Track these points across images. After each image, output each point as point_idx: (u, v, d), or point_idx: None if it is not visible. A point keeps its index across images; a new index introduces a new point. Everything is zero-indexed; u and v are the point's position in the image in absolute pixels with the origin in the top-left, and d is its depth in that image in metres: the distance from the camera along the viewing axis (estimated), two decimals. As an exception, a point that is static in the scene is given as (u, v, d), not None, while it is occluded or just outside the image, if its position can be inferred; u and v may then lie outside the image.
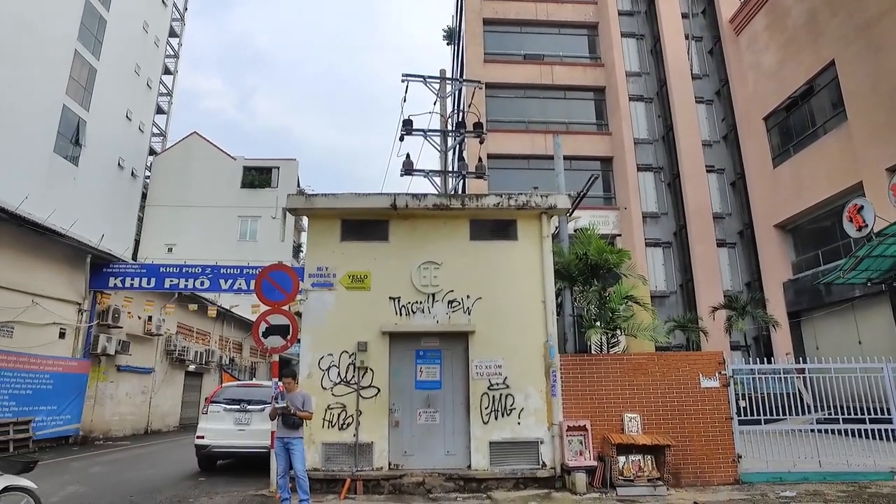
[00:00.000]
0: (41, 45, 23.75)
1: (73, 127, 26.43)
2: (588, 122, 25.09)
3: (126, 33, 30.95)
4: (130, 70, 32.00)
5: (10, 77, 21.96)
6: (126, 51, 31.03)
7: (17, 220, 13.64)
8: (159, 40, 36.30)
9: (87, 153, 27.39)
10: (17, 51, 22.32)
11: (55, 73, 24.97)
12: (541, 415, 9.13)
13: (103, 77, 28.51)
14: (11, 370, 13.83)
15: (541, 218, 9.93)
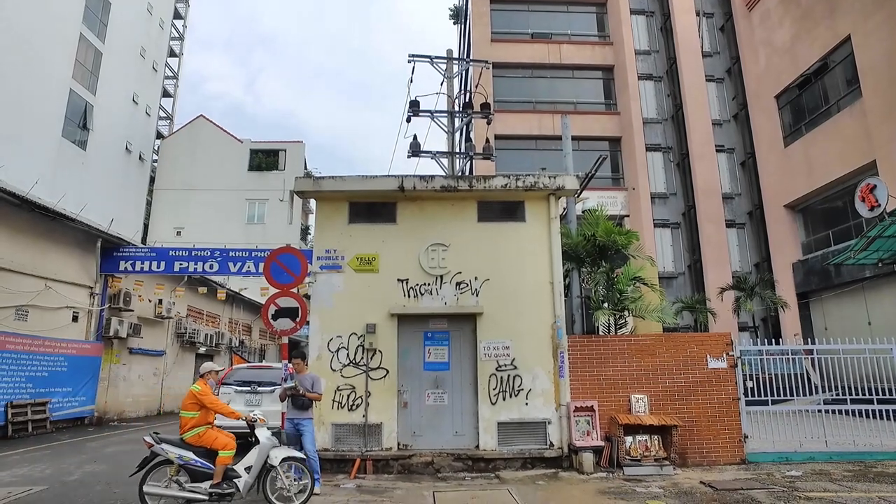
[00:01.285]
0: (47, 29, 23.68)
1: (80, 111, 26.46)
2: (596, 102, 24.84)
3: (130, 16, 30.79)
4: (136, 53, 31.88)
5: (17, 62, 21.95)
6: (131, 34, 30.89)
7: (29, 204, 13.74)
8: (164, 22, 36.08)
9: (94, 137, 27.45)
10: (23, 35, 22.27)
11: (61, 57, 24.92)
12: (548, 395, 9.19)
13: (109, 61, 28.43)
14: (28, 353, 14.06)
15: (549, 199, 9.89)
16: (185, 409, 6.59)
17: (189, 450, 6.37)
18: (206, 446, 6.44)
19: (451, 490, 7.53)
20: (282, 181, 34.87)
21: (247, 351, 28.74)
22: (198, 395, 6.55)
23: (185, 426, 6.52)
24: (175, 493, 6.28)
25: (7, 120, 21.26)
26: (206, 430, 6.55)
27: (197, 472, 6.32)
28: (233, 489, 6.32)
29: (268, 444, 6.57)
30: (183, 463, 6.30)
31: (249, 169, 36.18)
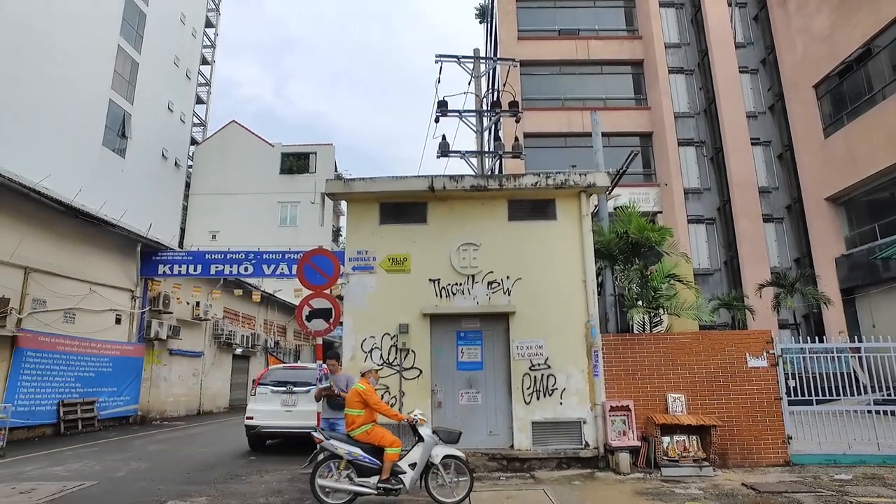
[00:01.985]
0: (87, 43, 24.51)
1: (119, 120, 27.31)
2: (626, 97, 24.47)
3: (165, 26, 31.63)
4: (170, 62, 32.74)
5: (60, 75, 22.78)
6: (165, 44, 31.73)
7: (73, 212, 14.25)
8: (196, 31, 36.96)
9: (132, 145, 28.30)
10: (66, 49, 23.10)
11: (101, 68, 25.77)
12: (583, 395, 9.10)
13: (145, 70, 29.27)
14: (76, 354, 14.60)
15: (580, 197, 9.79)
16: (351, 406, 6.86)
17: (357, 446, 6.66)
18: (374, 443, 6.69)
19: (485, 490, 7.52)
20: (313, 184, 35.38)
21: (282, 352, 29.22)
22: (362, 393, 6.82)
23: (352, 424, 6.82)
24: (346, 487, 6.59)
25: (52, 131, 22.08)
26: (373, 427, 6.81)
27: (364, 468, 6.61)
28: (400, 485, 6.58)
29: (431, 442, 6.74)
30: (352, 458, 6.60)
31: (281, 172, 36.79)
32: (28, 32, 21.31)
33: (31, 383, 13.13)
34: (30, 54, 21.38)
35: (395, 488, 6.57)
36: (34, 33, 21.58)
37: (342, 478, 6.66)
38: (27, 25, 21.32)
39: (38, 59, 21.70)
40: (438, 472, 6.77)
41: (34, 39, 21.55)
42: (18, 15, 20.94)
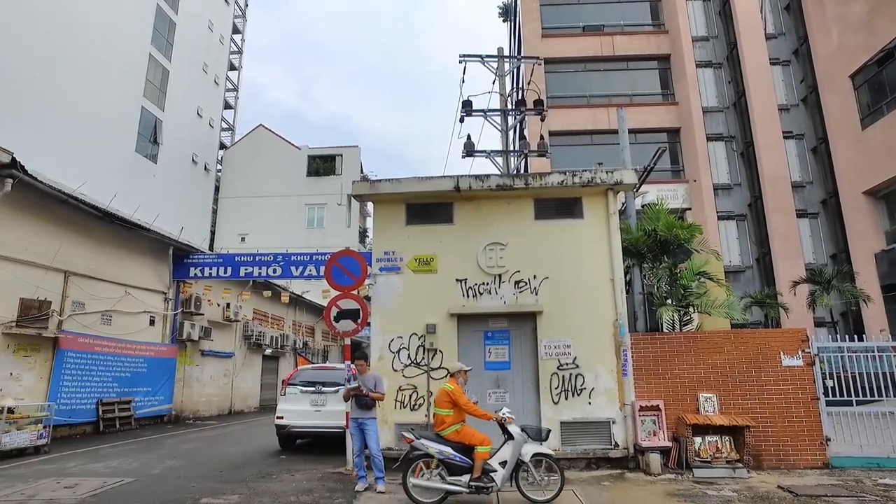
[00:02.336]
0: (120, 53, 25.19)
1: (151, 127, 27.99)
2: (653, 93, 24.13)
3: (193, 34, 32.30)
4: (199, 69, 33.41)
5: (95, 85, 23.45)
6: (194, 51, 32.41)
7: (109, 217, 14.65)
8: (224, 38, 37.67)
9: (164, 151, 28.98)
10: (100, 59, 23.77)
11: (133, 77, 26.46)
12: (612, 394, 9.01)
13: (175, 77, 29.94)
14: (113, 354, 15.01)
15: (607, 194, 9.70)
16: (441, 406, 6.96)
17: (447, 445, 6.74)
18: (464, 442, 6.77)
19: (512, 490, 7.48)
20: (339, 185, 35.70)
21: (310, 352, 29.56)
22: (451, 394, 6.93)
23: (442, 423, 6.90)
24: (438, 485, 6.67)
25: (88, 139, 22.75)
26: (463, 426, 6.89)
27: (455, 466, 6.69)
28: (492, 483, 6.63)
29: (520, 440, 6.80)
30: (443, 457, 6.68)
31: (308, 175, 37.22)
32: (65, 45, 21.98)
33: (72, 383, 13.55)
34: (66, 65, 22.05)
35: (487, 486, 6.62)
36: (71, 45, 22.26)
37: (434, 476, 6.75)
38: (64, 37, 21.99)
39: (73, 69, 22.38)
40: (529, 470, 6.82)
41: (71, 51, 22.23)
42: (56, 28, 21.62)
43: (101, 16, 24.08)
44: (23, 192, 12.01)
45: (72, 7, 22.60)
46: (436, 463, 6.76)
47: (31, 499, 7.11)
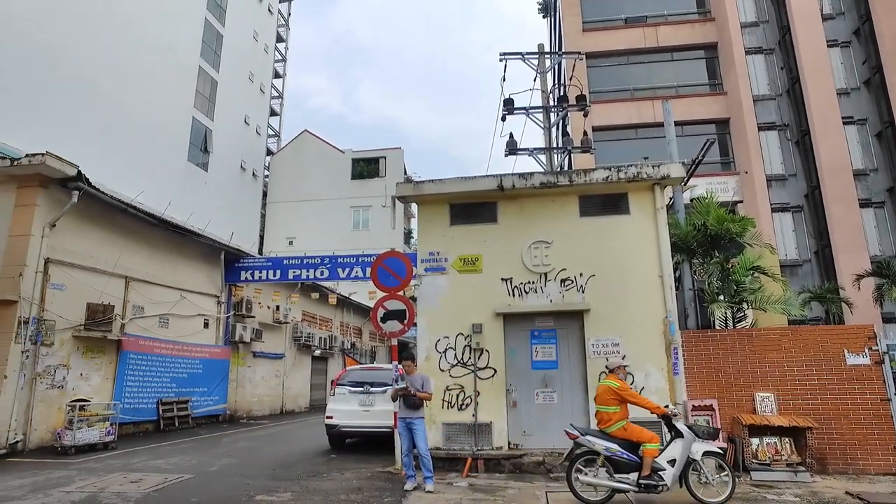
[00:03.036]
0: (172, 66, 26.26)
1: (201, 136, 29.05)
2: (699, 84, 23.39)
3: (239, 45, 33.32)
4: (245, 78, 34.44)
5: (149, 98, 24.51)
6: (240, 61, 33.42)
7: (164, 224, 15.27)
8: (268, 47, 38.69)
9: (214, 159, 30.02)
10: (154, 74, 24.84)
11: (184, 89, 27.53)
12: (662, 394, 8.79)
13: (223, 87, 30.97)
14: (171, 356, 15.64)
15: (653, 189, 9.49)
16: (605, 403, 6.87)
17: (613, 442, 6.65)
18: (632, 439, 6.67)
19: (564, 490, 7.41)
20: (383, 187, 36.12)
21: (358, 353, 30.00)
22: (617, 390, 6.82)
23: (608, 420, 6.80)
24: (606, 483, 6.60)
25: (143, 151, 23.81)
26: (629, 423, 6.81)
27: (622, 464, 6.60)
28: (662, 482, 6.47)
29: (690, 438, 6.64)
30: (610, 455, 6.60)
31: (352, 177, 37.80)
32: (122, 62, 23.04)
33: (135, 383, 14.18)
34: (123, 82, 23.11)
35: (658, 485, 6.44)
36: (127, 62, 23.32)
37: (600, 474, 6.65)
38: (121, 55, 23.06)
39: (129, 84, 23.44)
40: (700, 469, 6.61)
41: (127, 68, 23.29)
42: (115, 47, 22.69)
43: (155, 33, 25.15)
44: (87, 203, 12.65)
45: (128, 26, 23.69)
46: (602, 460, 6.65)
47: (102, 491, 7.52)
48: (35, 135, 17.25)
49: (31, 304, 11.41)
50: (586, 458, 6.73)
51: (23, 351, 11.23)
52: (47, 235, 11.85)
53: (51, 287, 11.94)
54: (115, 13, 23.27)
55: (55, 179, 11.92)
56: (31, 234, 11.58)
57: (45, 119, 19.53)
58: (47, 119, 19.60)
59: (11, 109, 18.52)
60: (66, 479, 8.27)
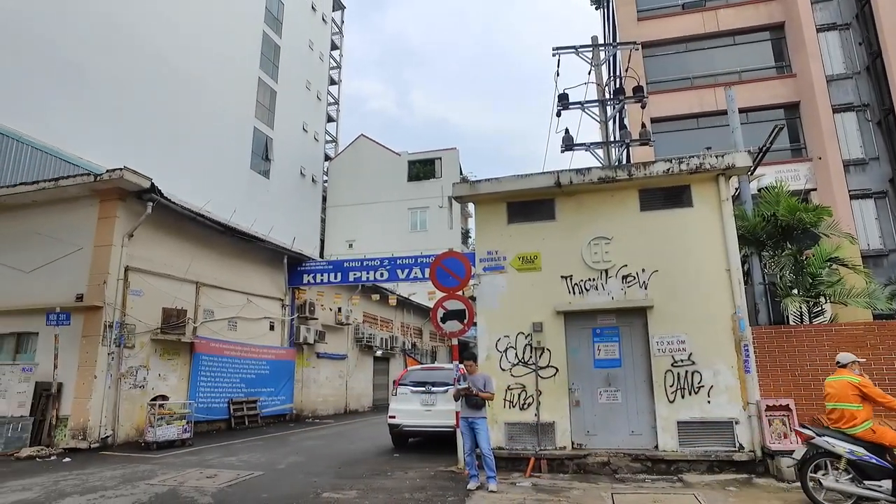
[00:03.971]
0: (233, 79, 27.41)
1: (262, 145, 30.17)
2: (765, 67, 22.27)
3: (296, 54, 34.39)
4: (302, 87, 35.49)
5: (213, 111, 25.69)
6: (297, 70, 34.49)
7: (230, 231, 15.94)
8: (323, 55, 39.73)
9: (275, 166, 31.11)
10: (216, 88, 26.02)
11: (246, 100, 28.69)
12: (733, 393, 8.44)
13: (281, 97, 32.06)
14: (240, 358, 16.30)
15: (718, 180, 9.13)
16: (846, 400, 6.25)
17: (858, 444, 6.04)
18: (883, 442, 6.01)
19: (630, 492, 7.25)
20: (439, 188, 36.39)
21: (419, 353, 30.29)
22: (860, 386, 6.23)
23: (851, 420, 6.18)
24: (851, 489, 6.05)
25: (209, 162, 24.96)
26: (875, 424, 6.19)
27: (871, 469, 5.95)
28: None
29: None
30: (855, 458, 6.00)
31: (409, 179, 38.26)
32: (189, 78, 24.24)
33: (207, 384, 14.87)
34: (190, 98, 24.31)
35: None
36: (191, 79, 24.52)
37: (843, 479, 6.07)
38: (184, 73, 24.26)
39: (194, 99, 24.62)
40: None
41: (194, 84, 24.48)
42: (179, 65, 23.90)
43: (217, 49, 26.34)
44: (160, 213, 13.37)
45: (192, 44, 24.89)
46: (844, 463, 6.06)
47: (181, 485, 7.94)
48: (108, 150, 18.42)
49: (114, 309, 12.20)
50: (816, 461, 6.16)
51: (108, 353, 12.03)
52: (126, 245, 12.63)
53: (130, 293, 12.70)
54: (180, 34, 24.52)
55: (131, 192, 12.68)
56: (113, 244, 12.38)
57: (119, 135, 20.80)
58: (121, 135, 20.87)
59: (90, 127, 19.82)
60: (150, 473, 8.78)
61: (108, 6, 21.45)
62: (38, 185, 12.63)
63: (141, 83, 22.46)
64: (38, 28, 19.00)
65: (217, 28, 26.67)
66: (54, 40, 19.46)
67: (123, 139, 20.72)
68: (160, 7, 23.79)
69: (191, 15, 25.34)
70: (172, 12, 24.34)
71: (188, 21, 25.10)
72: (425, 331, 32.38)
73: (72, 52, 19.95)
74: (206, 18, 26.14)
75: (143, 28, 22.80)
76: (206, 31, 25.92)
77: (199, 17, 25.72)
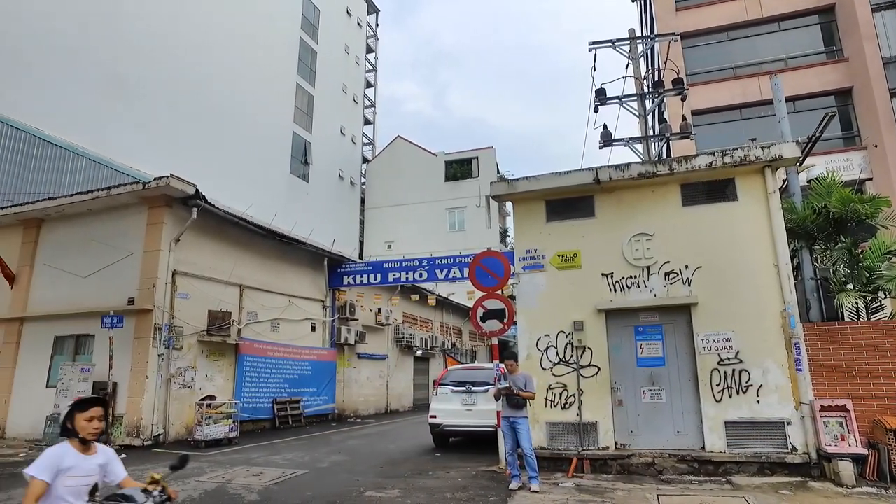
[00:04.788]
0: (272, 85, 28.02)
1: (301, 149, 30.75)
2: (814, 53, 21.38)
3: (332, 59, 34.92)
4: (339, 90, 36.00)
5: (253, 117, 26.32)
6: (334, 74, 35.00)
7: (272, 234, 16.30)
8: (359, 59, 40.21)
9: (314, 170, 31.66)
10: (256, 96, 26.65)
11: (284, 106, 29.31)
12: (784, 392, 8.13)
13: (319, 101, 32.59)
14: (283, 359, 16.64)
15: (763, 172, 8.82)
16: None
17: None
18: None
19: (676, 494, 7.07)
20: (477, 188, 36.35)
21: (458, 353, 30.32)
22: None
23: None
24: None
25: (251, 167, 25.58)
26: None
27: None
28: None
29: None
30: None
31: (446, 179, 38.35)
32: (227, 87, 24.90)
33: (252, 384, 15.24)
34: (233, 107, 24.96)
35: None
36: (231, 87, 25.16)
37: None
38: (224, 82, 24.93)
39: (235, 107, 25.28)
40: None
41: (231, 93, 25.14)
42: (218, 76, 24.57)
43: (256, 57, 26.99)
44: (204, 218, 13.77)
45: (235, 52, 25.56)
46: None
47: (229, 482, 8.17)
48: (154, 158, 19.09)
49: (163, 312, 12.64)
50: None
51: (159, 354, 12.47)
52: (173, 250, 13.06)
53: (178, 296, 13.13)
54: (221, 45, 25.20)
55: (177, 199, 13.10)
56: (161, 249, 12.82)
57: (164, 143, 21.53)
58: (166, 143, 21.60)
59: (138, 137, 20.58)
60: (199, 471, 9.05)
61: (153, 22, 22.24)
62: (93, 195, 13.19)
63: (185, 94, 23.20)
64: (92, 45, 19.85)
65: (256, 37, 27.33)
66: (107, 57, 20.31)
67: (169, 147, 21.46)
68: (202, 19, 24.54)
69: (231, 26, 26.05)
70: (214, 24, 25.06)
71: (228, 32, 25.80)
72: (465, 330, 32.38)
73: (123, 68, 20.78)
74: (246, 29, 26.82)
75: (186, 41, 23.55)
76: (245, 41, 26.59)
77: (238, 28, 26.42)
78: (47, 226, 14.63)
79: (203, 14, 24.71)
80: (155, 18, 22.39)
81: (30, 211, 14.11)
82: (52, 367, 13.38)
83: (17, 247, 14.65)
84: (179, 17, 23.51)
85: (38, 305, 14.03)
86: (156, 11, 22.42)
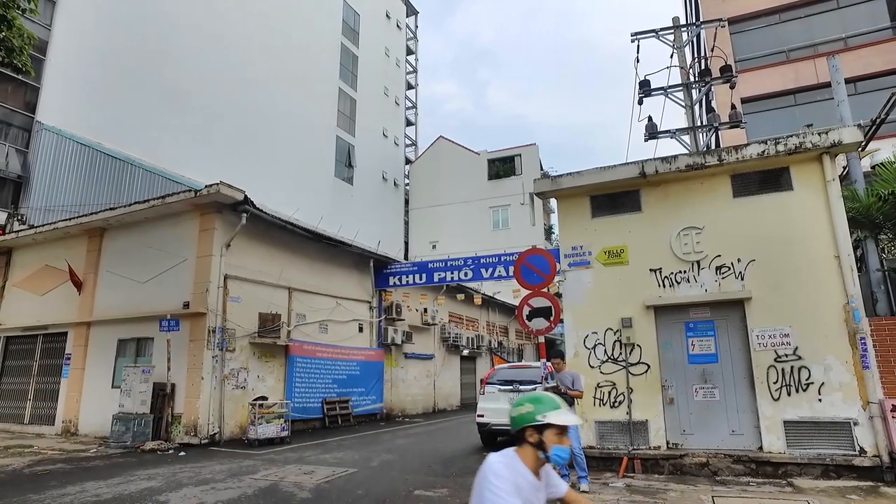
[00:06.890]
0: (315, 91, 28.63)
1: (345, 153, 31.28)
2: (877, 29, 20.14)
3: (373, 63, 35.38)
4: (381, 93, 36.44)
5: (298, 124, 26.97)
6: (375, 77, 35.46)
7: (318, 237, 16.62)
8: (399, 61, 40.57)
9: (358, 173, 32.16)
10: (301, 102, 27.29)
11: (328, 111, 29.90)
12: (849, 390, 7.74)
13: (361, 105, 33.09)
14: (331, 360, 16.95)
15: (821, 159, 8.42)
16: None
17: None
18: None
19: (733, 496, 6.83)
20: (520, 185, 36.12)
21: (505, 351, 30.18)
22: None
23: None
24: None
25: (297, 172, 26.20)
26: None
27: None
28: None
29: None
30: None
31: (489, 178, 38.26)
32: (273, 96, 25.57)
33: (302, 384, 15.59)
34: (275, 112, 25.63)
35: None
36: (277, 96, 25.83)
37: None
38: (269, 91, 25.60)
39: (280, 114, 25.94)
40: None
41: (279, 101, 25.80)
42: (264, 84, 25.26)
43: (299, 65, 27.67)
44: (253, 223, 14.17)
45: (280, 62, 26.24)
46: None
47: (281, 480, 8.39)
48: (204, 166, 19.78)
49: (216, 315, 13.07)
50: None
51: (213, 356, 12.90)
52: (224, 254, 13.49)
53: (230, 300, 13.55)
54: (266, 55, 25.91)
55: (227, 205, 13.53)
56: (213, 254, 13.27)
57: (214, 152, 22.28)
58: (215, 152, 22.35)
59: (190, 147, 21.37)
60: (253, 469, 9.32)
61: (202, 38, 23.07)
62: (149, 203, 13.78)
63: (231, 104, 23.97)
64: (149, 61, 20.74)
65: (299, 46, 27.99)
66: (162, 72, 21.20)
67: (217, 155, 22.23)
68: (246, 30, 25.29)
69: (275, 37, 26.74)
70: (258, 37, 25.80)
71: (272, 43, 26.50)
72: (511, 329, 32.20)
73: (177, 82, 21.64)
74: (289, 39, 27.50)
75: (233, 53, 24.31)
76: (289, 50, 27.26)
77: (282, 38, 27.11)
78: (109, 234, 15.38)
79: (247, 27, 25.46)
80: (205, 34, 23.21)
81: (93, 221, 14.86)
82: (117, 369, 14.05)
83: (83, 255, 15.46)
84: (225, 32, 24.30)
85: (103, 310, 14.76)
86: (206, 28, 23.24)
